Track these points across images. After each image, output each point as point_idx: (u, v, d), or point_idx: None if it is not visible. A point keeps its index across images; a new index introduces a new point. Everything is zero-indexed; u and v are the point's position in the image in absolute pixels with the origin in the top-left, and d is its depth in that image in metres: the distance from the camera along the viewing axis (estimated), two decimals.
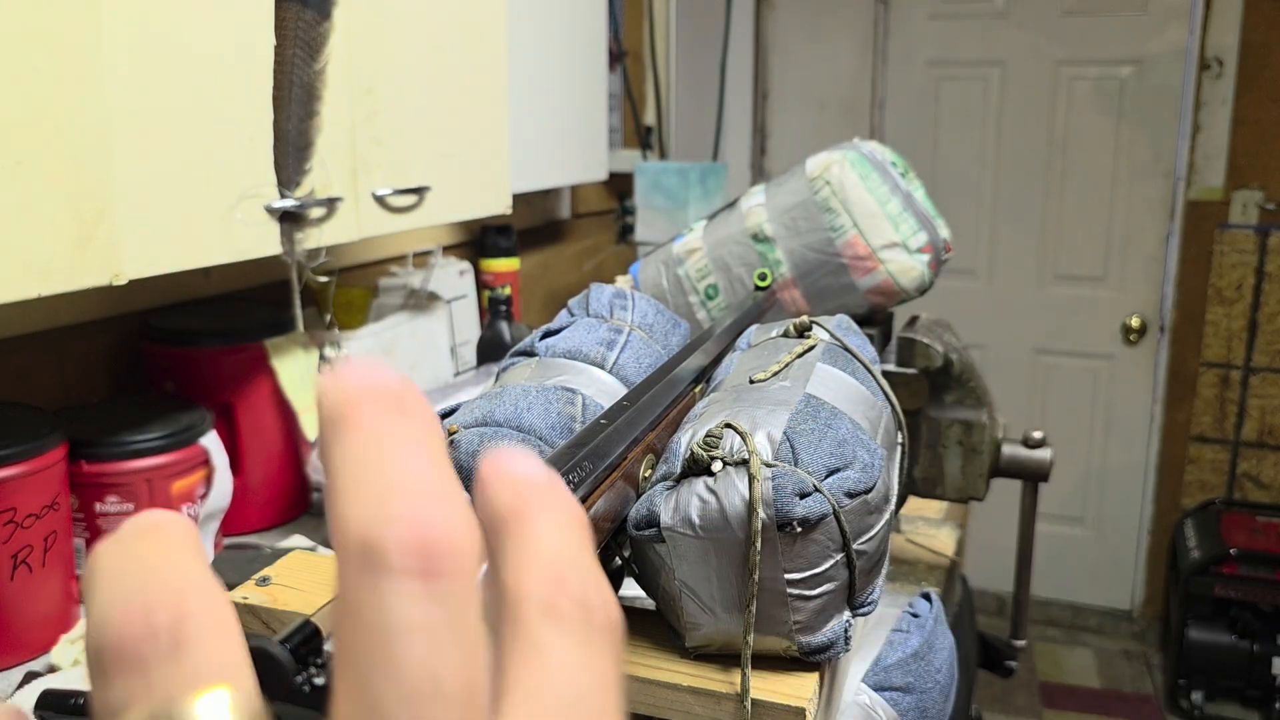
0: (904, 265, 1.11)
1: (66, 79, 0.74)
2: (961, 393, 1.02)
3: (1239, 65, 2.48)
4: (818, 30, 2.86)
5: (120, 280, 0.79)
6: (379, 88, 1.07)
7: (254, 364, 1.13)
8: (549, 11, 1.74)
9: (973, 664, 1.20)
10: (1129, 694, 2.67)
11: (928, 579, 1.03)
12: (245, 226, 0.92)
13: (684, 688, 0.69)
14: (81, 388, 1.10)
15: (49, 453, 0.87)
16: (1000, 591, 2.88)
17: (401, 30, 1.10)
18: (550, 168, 1.80)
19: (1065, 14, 2.63)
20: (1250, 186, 2.54)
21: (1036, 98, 2.70)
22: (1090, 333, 2.77)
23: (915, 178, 1.18)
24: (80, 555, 0.96)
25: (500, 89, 1.29)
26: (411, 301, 1.47)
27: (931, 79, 2.79)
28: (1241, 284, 2.59)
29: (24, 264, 0.72)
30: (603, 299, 0.83)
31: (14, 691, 0.83)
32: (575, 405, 0.71)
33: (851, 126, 2.80)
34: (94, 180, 0.77)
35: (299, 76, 0.96)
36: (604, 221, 2.39)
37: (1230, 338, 2.62)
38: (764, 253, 1.14)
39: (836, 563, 0.68)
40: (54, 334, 1.06)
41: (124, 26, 0.78)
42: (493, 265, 1.71)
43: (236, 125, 0.90)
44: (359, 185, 1.06)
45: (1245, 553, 2.42)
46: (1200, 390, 2.68)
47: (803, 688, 0.68)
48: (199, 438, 1.01)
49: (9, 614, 0.86)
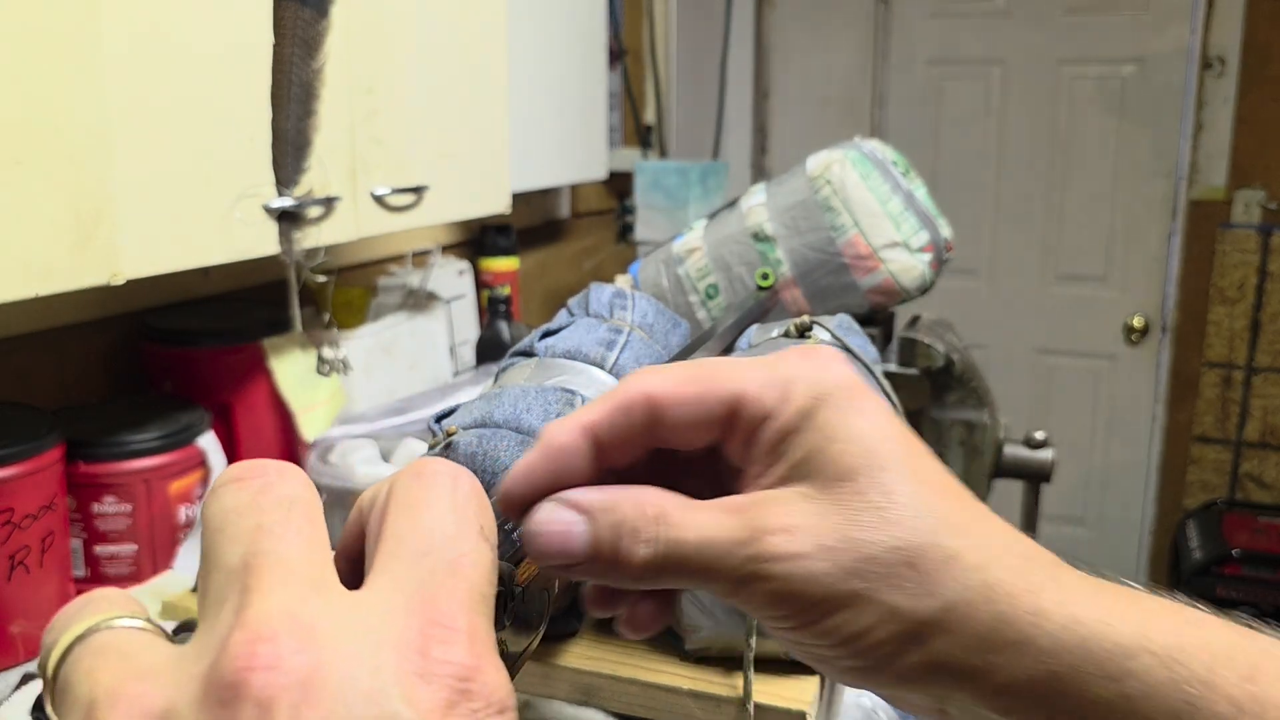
0: (905, 265, 1.10)
1: (65, 78, 0.73)
2: (963, 393, 1.02)
3: (1241, 64, 2.48)
4: (818, 29, 2.86)
5: (119, 280, 0.79)
6: (378, 87, 1.07)
7: (252, 364, 1.13)
8: (549, 10, 1.74)
9: None
10: None
11: None
12: (244, 226, 0.91)
13: (684, 691, 0.68)
14: (79, 388, 1.09)
15: (46, 453, 0.87)
16: None
17: (401, 29, 1.10)
18: (550, 167, 1.79)
19: (1067, 13, 2.62)
20: (1252, 186, 2.53)
21: (1038, 97, 2.69)
22: (1092, 332, 2.76)
23: (916, 176, 1.18)
24: (77, 556, 0.96)
25: (500, 88, 1.29)
26: (410, 301, 1.46)
27: (932, 78, 2.79)
28: (1244, 284, 2.59)
29: (22, 263, 0.71)
30: (602, 298, 0.82)
31: (11, 693, 0.82)
32: (574, 406, 0.71)
33: (852, 125, 2.79)
34: (93, 180, 0.76)
35: (297, 75, 0.96)
36: (604, 221, 2.39)
37: (1232, 338, 2.62)
38: (764, 252, 1.14)
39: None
40: (52, 334, 1.06)
41: (123, 26, 0.78)
42: (492, 265, 1.71)
43: (235, 124, 0.90)
44: (358, 184, 1.05)
45: (1247, 553, 2.42)
46: (1202, 390, 2.67)
47: (804, 691, 0.68)
48: (197, 438, 1.01)
49: (6, 615, 0.86)
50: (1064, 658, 0.27)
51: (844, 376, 0.29)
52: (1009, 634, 0.27)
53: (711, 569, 0.28)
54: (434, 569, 0.22)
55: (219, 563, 0.21)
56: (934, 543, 0.27)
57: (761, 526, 0.28)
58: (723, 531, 0.28)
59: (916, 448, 0.30)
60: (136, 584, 0.96)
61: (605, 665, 0.71)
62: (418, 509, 0.23)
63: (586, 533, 0.28)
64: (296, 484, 0.23)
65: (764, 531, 0.27)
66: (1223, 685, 0.26)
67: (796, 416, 0.29)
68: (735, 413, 0.29)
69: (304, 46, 0.96)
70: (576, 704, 0.72)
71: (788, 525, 0.27)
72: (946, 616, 0.27)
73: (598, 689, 0.71)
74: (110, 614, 0.22)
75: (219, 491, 0.23)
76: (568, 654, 0.72)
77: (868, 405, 0.29)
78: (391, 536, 0.23)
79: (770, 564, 0.27)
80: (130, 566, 0.96)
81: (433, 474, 0.24)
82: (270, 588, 0.20)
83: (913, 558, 0.27)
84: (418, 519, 0.23)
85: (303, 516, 0.22)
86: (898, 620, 0.27)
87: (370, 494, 0.26)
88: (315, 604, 0.20)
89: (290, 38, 0.94)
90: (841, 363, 0.30)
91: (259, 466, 0.23)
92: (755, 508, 0.28)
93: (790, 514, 0.28)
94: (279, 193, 0.95)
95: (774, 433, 0.29)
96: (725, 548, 0.28)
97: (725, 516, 0.28)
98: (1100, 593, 0.28)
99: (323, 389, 1.19)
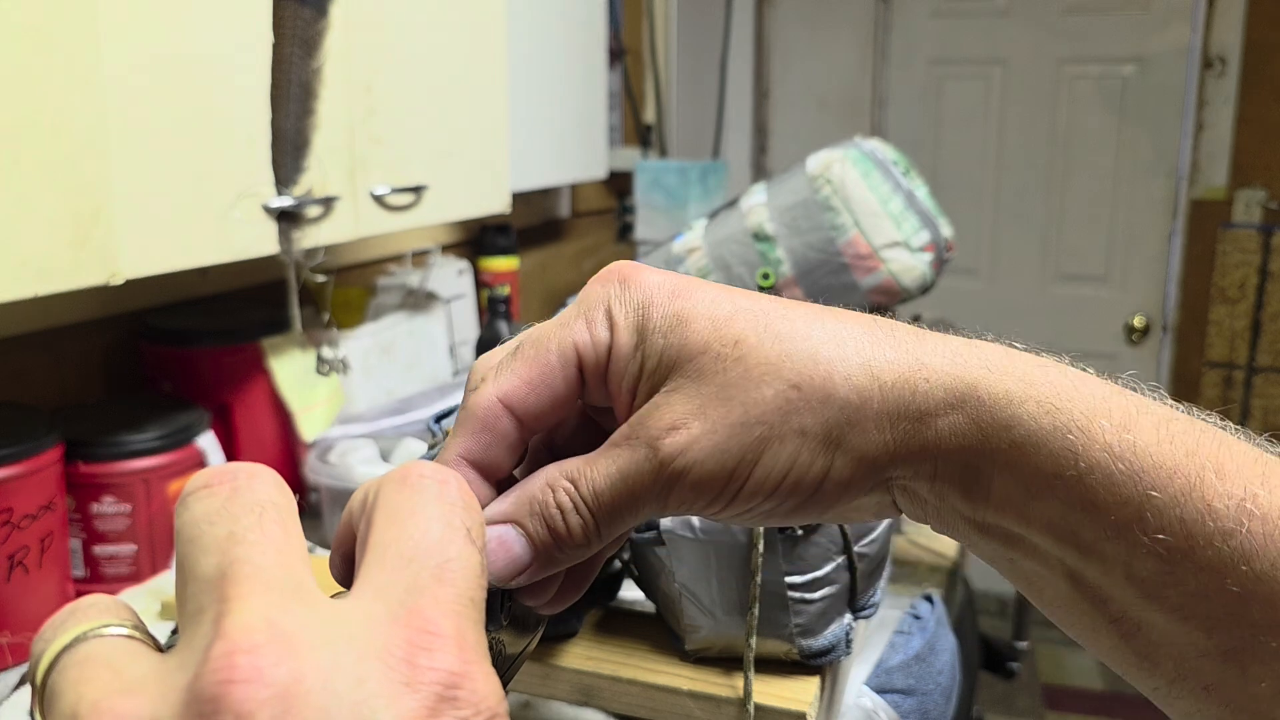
0: (906, 264, 1.10)
1: (63, 78, 0.73)
2: None
3: (1242, 64, 2.47)
4: (819, 28, 2.86)
5: (117, 280, 0.79)
6: (377, 86, 1.07)
7: (251, 364, 1.13)
8: (548, 9, 1.74)
9: (975, 666, 1.20)
10: (1131, 696, 2.66)
11: (929, 581, 1.02)
12: (243, 226, 0.91)
13: (684, 692, 0.68)
14: (78, 388, 1.09)
15: (45, 453, 0.87)
16: (1002, 593, 2.87)
17: (400, 28, 1.09)
18: (549, 166, 1.79)
19: (1067, 12, 2.62)
20: (1253, 186, 2.53)
21: (1038, 96, 2.69)
22: (1093, 332, 2.76)
23: (917, 176, 1.17)
24: (76, 556, 0.96)
25: (499, 87, 1.29)
26: (410, 301, 1.46)
27: (933, 77, 2.79)
28: (1244, 284, 2.58)
29: (21, 263, 0.71)
30: None
31: (10, 694, 0.82)
32: None
33: (853, 125, 2.79)
34: (91, 179, 0.76)
35: (296, 75, 0.96)
36: (604, 220, 2.38)
37: (1233, 338, 2.61)
38: (765, 252, 1.14)
39: (838, 565, 0.68)
40: (51, 334, 1.05)
41: (121, 26, 0.77)
42: (491, 264, 1.70)
43: (234, 124, 0.90)
44: (357, 184, 1.05)
45: None
46: (1203, 390, 2.67)
47: (804, 691, 0.68)
48: (195, 438, 1.01)
49: (5, 615, 0.86)
50: (964, 411, 0.29)
51: (650, 282, 0.31)
52: (911, 407, 0.29)
53: (638, 496, 0.29)
54: (419, 575, 0.22)
55: (194, 573, 0.21)
56: (804, 356, 0.29)
57: (652, 437, 0.29)
58: (626, 461, 0.29)
59: (735, 293, 0.31)
60: (136, 584, 0.96)
61: (605, 666, 0.71)
62: (403, 515, 0.23)
63: (519, 537, 0.30)
64: (267, 487, 0.23)
65: (656, 439, 0.29)
66: (1099, 433, 0.28)
67: (630, 335, 0.30)
68: (579, 369, 0.31)
69: (303, 46, 0.96)
70: (576, 705, 0.72)
71: (672, 422, 0.29)
72: (848, 415, 0.29)
73: (597, 690, 0.70)
74: (98, 622, 0.22)
75: (188, 500, 0.23)
76: (568, 654, 0.72)
77: (680, 289, 0.31)
78: (377, 544, 0.23)
79: (678, 460, 0.29)
80: (129, 566, 0.96)
81: (419, 478, 0.24)
82: (248, 596, 0.20)
83: (792, 381, 0.29)
84: (403, 526, 0.23)
85: (275, 522, 0.22)
86: (810, 436, 0.29)
87: (360, 496, 0.26)
88: (296, 612, 0.20)
89: (289, 37, 0.94)
90: (635, 268, 0.31)
91: (228, 471, 0.23)
92: (640, 425, 0.30)
93: (670, 412, 0.29)
94: (278, 192, 0.95)
95: (621, 361, 0.30)
96: (636, 473, 0.29)
97: (621, 448, 0.30)
98: (973, 348, 0.30)
99: (322, 389, 1.19)
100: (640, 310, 0.30)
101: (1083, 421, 0.28)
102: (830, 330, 0.30)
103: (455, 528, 0.23)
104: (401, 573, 0.22)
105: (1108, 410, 0.28)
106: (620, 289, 0.31)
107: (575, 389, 0.31)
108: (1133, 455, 0.27)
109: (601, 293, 0.31)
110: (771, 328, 0.29)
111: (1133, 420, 0.28)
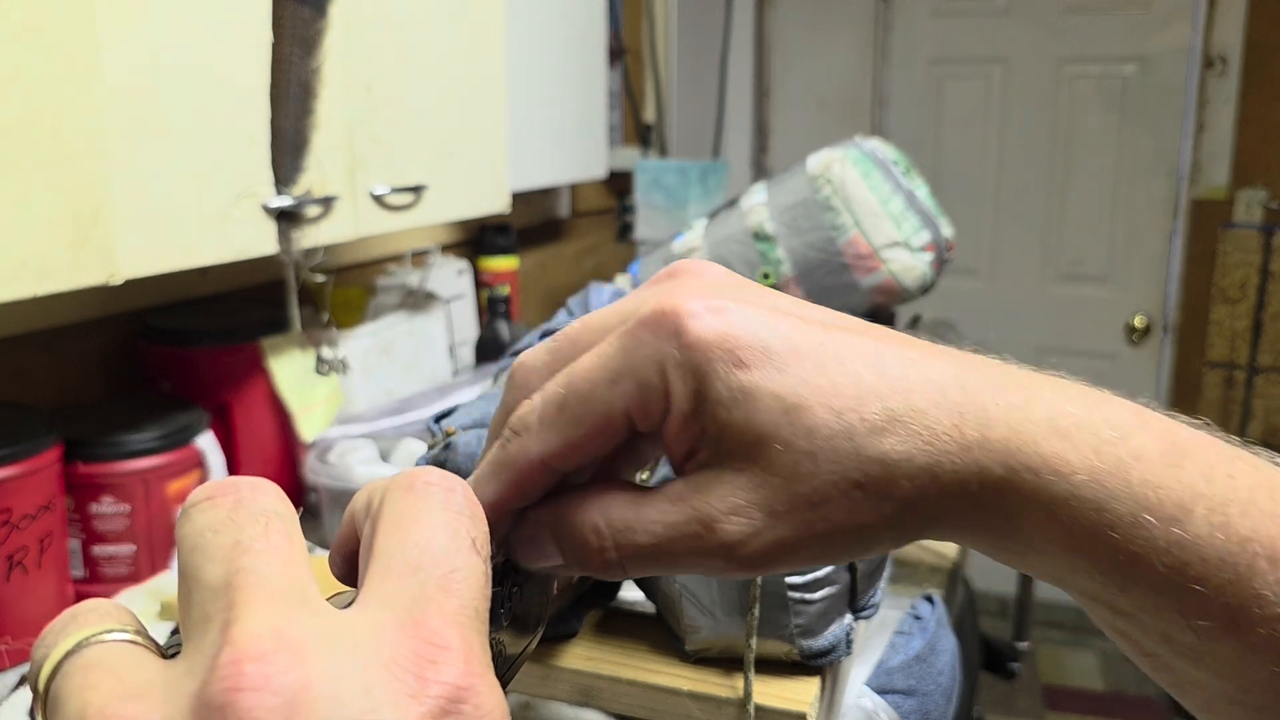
0: (906, 264, 1.10)
1: (62, 78, 0.73)
2: None
3: (1243, 63, 2.47)
4: (819, 27, 2.86)
5: (116, 280, 0.79)
6: (376, 86, 1.06)
7: (250, 364, 1.13)
8: (548, 8, 1.74)
9: (975, 666, 1.19)
10: (1132, 696, 2.66)
11: (930, 581, 1.02)
12: (242, 225, 0.91)
13: (684, 692, 0.68)
14: (77, 388, 1.09)
15: (44, 453, 0.87)
16: (1003, 594, 2.87)
17: (400, 28, 1.09)
18: (549, 166, 1.79)
19: (1068, 11, 2.62)
20: (1254, 186, 2.53)
21: (1039, 96, 2.69)
22: (1093, 332, 2.76)
23: (918, 176, 1.17)
24: (75, 557, 0.95)
25: (499, 87, 1.28)
26: (409, 301, 1.46)
27: (933, 77, 2.79)
28: (1245, 284, 2.58)
29: (20, 263, 0.71)
30: (602, 298, 0.82)
31: (9, 694, 0.82)
32: None
33: (853, 124, 2.79)
34: (90, 179, 0.76)
35: (296, 74, 0.96)
36: (603, 220, 2.38)
37: (1234, 338, 2.61)
38: (765, 251, 1.13)
39: (838, 566, 0.68)
40: (50, 334, 1.05)
41: (120, 26, 0.77)
42: (491, 264, 1.70)
43: (234, 123, 0.90)
44: (356, 184, 1.05)
45: None
46: (1204, 390, 2.67)
47: (804, 692, 0.68)
48: (195, 438, 1.01)
49: (4, 616, 0.86)
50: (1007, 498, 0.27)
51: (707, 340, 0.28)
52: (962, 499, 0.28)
53: (677, 558, 0.29)
54: (425, 585, 0.22)
55: (200, 581, 0.21)
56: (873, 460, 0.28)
57: (709, 516, 0.28)
58: (675, 529, 0.29)
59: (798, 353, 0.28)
60: (135, 584, 0.96)
61: (605, 666, 0.70)
62: (408, 523, 0.23)
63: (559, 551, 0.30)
64: (271, 498, 0.23)
65: (714, 520, 0.28)
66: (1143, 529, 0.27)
67: (688, 403, 0.28)
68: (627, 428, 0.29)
69: (302, 45, 0.96)
70: (576, 705, 0.72)
71: (734, 508, 0.28)
72: (905, 507, 0.28)
73: (597, 690, 0.70)
74: (100, 627, 0.22)
75: (191, 511, 0.23)
76: (567, 655, 0.72)
77: (742, 352, 0.28)
78: (382, 553, 0.23)
79: (738, 550, 0.28)
80: (129, 567, 0.96)
81: (425, 486, 0.24)
82: (255, 605, 0.20)
83: (856, 481, 0.28)
84: (408, 534, 0.23)
85: (280, 532, 0.22)
86: (867, 527, 0.28)
87: (363, 498, 0.25)
88: (303, 620, 0.20)
89: (289, 37, 0.94)
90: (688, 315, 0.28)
91: (231, 484, 0.23)
92: (698, 496, 0.29)
93: (733, 497, 0.28)
94: (277, 192, 0.95)
95: (677, 425, 0.29)
96: (682, 538, 0.29)
97: (672, 509, 0.29)
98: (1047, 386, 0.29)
99: (321, 389, 1.19)
100: (698, 376, 0.28)
101: (1129, 519, 0.26)
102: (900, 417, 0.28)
103: (461, 537, 0.23)
104: (407, 581, 0.22)
105: (1158, 502, 0.26)
106: (675, 348, 0.28)
107: (620, 443, 0.30)
108: (1179, 549, 0.26)
109: (653, 350, 0.28)
110: (844, 417, 0.28)
111: (1186, 511, 0.26)
